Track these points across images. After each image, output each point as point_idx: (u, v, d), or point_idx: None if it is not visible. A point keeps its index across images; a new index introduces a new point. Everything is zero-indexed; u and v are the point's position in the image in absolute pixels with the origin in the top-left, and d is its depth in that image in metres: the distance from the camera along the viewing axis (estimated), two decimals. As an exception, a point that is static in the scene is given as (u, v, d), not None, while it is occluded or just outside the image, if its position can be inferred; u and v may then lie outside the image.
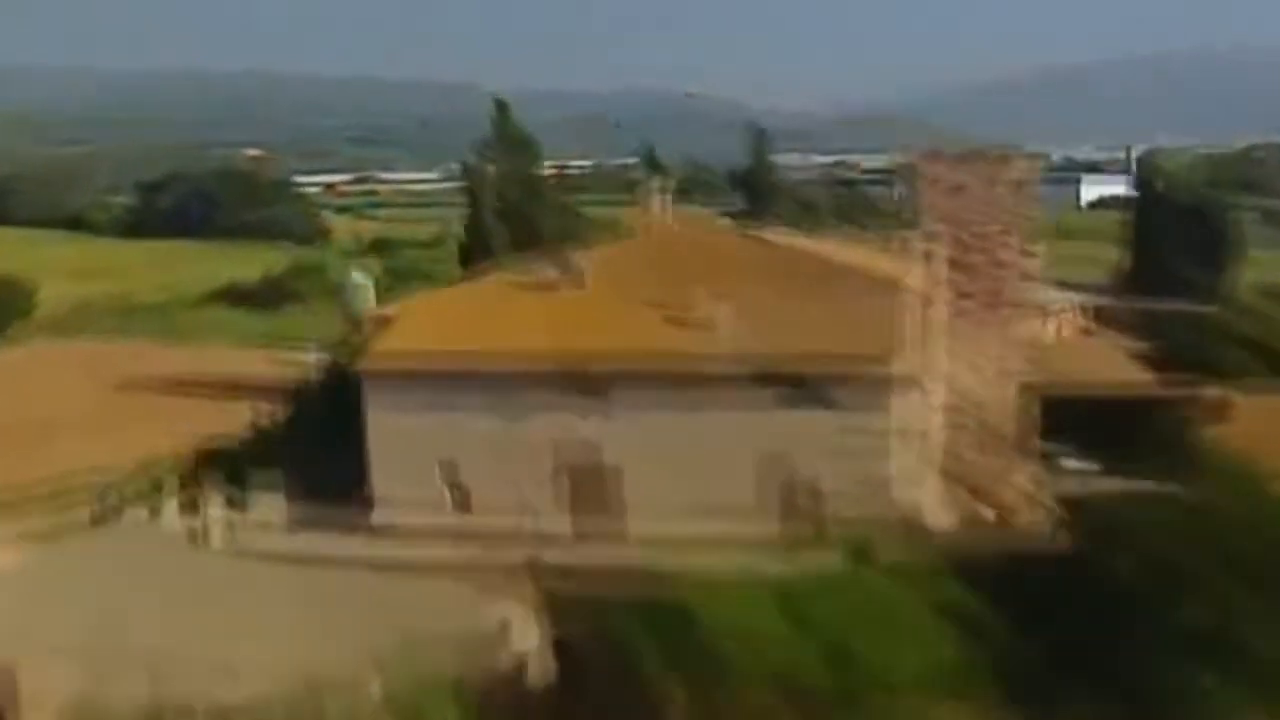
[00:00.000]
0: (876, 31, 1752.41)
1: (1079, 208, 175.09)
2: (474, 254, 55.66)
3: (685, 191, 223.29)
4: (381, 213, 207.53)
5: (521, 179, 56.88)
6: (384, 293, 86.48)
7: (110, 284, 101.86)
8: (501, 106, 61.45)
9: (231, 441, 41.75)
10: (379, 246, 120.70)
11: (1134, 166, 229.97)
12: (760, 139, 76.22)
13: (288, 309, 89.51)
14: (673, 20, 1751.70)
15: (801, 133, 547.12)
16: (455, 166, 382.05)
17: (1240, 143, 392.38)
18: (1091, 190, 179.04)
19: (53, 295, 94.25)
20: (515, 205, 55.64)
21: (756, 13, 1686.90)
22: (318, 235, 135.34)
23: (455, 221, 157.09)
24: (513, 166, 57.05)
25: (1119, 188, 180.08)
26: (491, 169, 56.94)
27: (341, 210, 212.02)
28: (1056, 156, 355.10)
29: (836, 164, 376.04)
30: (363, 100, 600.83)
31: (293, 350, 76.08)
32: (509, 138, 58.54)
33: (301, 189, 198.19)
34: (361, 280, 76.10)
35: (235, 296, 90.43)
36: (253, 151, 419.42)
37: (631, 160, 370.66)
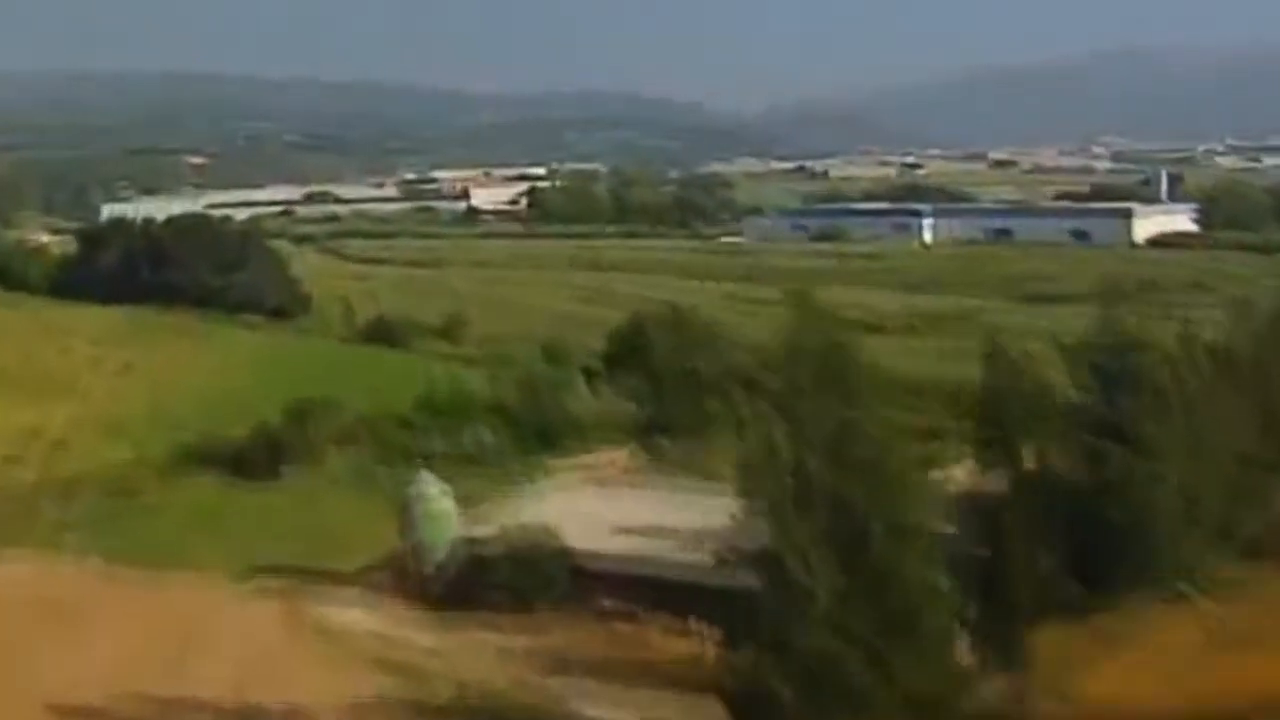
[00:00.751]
0: (835, 30, 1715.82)
1: (1132, 245, 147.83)
2: (777, 601, 26.74)
3: (684, 223, 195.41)
4: (351, 246, 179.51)
5: (839, 431, 27.81)
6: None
7: (47, 409, 72.31)
8: (818, 315, 31.40)
9: None
10: (378, 334, 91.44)
11: (1165, 189, 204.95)
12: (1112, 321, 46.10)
13: (290, 474, 60.83)
14: (623, 20, 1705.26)
15: (763, 134, 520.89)
16: (409, 175, 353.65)
17: (1199, 144, 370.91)
18: (1147, 224, 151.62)
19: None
20: (824, 489, 27.11)
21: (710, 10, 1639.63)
22: (297, 306, 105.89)
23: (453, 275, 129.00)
24: (822, 409, 27.98)
25: (1179, 220, 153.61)
26: (780, 418, 27.77)
27: (301, 240, 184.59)
28: (1026, 163, 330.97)
29: (799, 168, 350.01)
30: (297, 102, 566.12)
31: (326, 584, 47.85)
32: (822, 358, 29.07)
33: (262, 221, 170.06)
34: (435, 492, 47.42)
35: (219, 458, 61.40)
36: (195, 159, 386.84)
37: (590, 166, 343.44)
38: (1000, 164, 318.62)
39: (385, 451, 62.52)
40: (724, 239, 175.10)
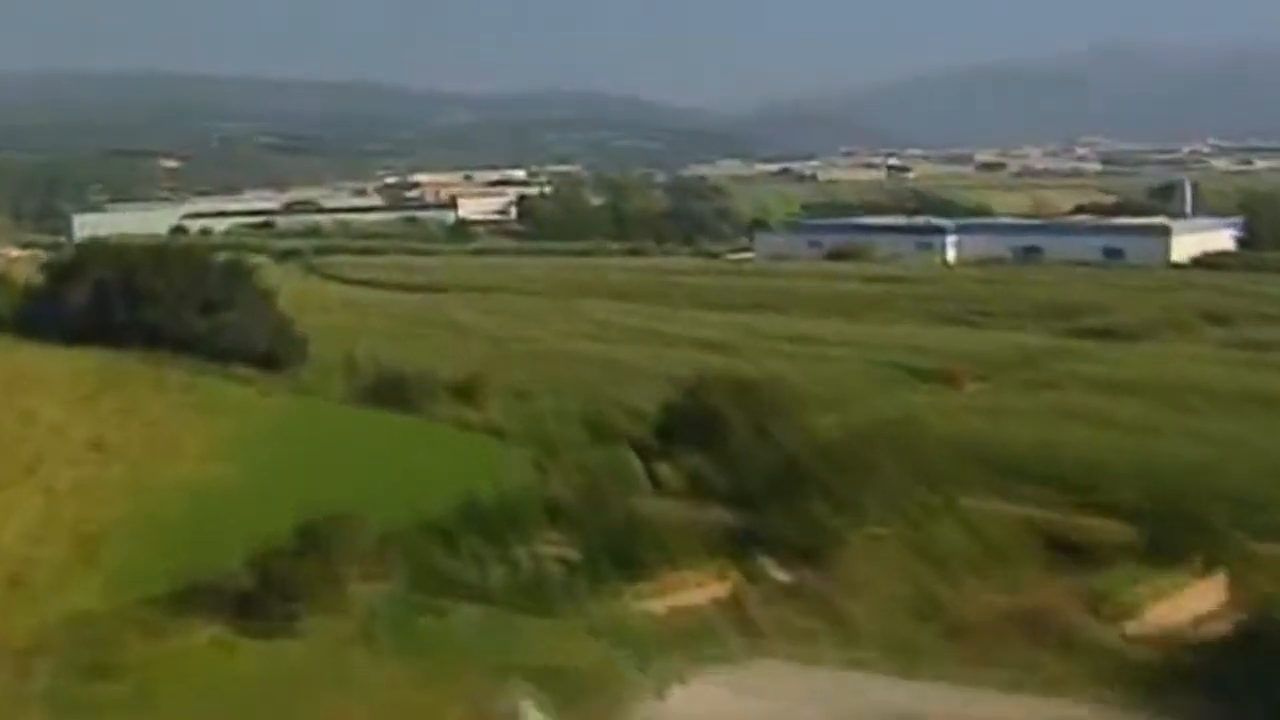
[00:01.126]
0: (830, 30, 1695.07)
1: (1171, 266, 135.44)
2: None
3: (688, 239, 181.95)
4: (337, 264, 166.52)
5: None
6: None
7: (2, 508, 58.63)
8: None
9: None
10: (386, 394, 77.66)
11: (1190, 201, 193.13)
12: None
13: (306, 615, 47.33)
14: (607, 19, 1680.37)
15: (750, 135, 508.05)
16: (388, 179, 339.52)
17: (1183, 140, 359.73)
18: (1185, 241, 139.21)
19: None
20: None
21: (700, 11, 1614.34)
22: (292, 352, 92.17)
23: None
24: None
25: (1220, 237, 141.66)
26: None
27: (284, 256, 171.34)
28: (1014, 166, 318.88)
29: (783, 170, 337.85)
30: (268, 102, 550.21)
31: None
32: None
33: (241, 236, 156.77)
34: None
35: (215, 595, 47.91)
36: (169, 162, 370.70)
37: (570, 168, 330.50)
38: (988, 166, 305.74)
39: (424, 580, 49.17)
40: (732, 255, 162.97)
